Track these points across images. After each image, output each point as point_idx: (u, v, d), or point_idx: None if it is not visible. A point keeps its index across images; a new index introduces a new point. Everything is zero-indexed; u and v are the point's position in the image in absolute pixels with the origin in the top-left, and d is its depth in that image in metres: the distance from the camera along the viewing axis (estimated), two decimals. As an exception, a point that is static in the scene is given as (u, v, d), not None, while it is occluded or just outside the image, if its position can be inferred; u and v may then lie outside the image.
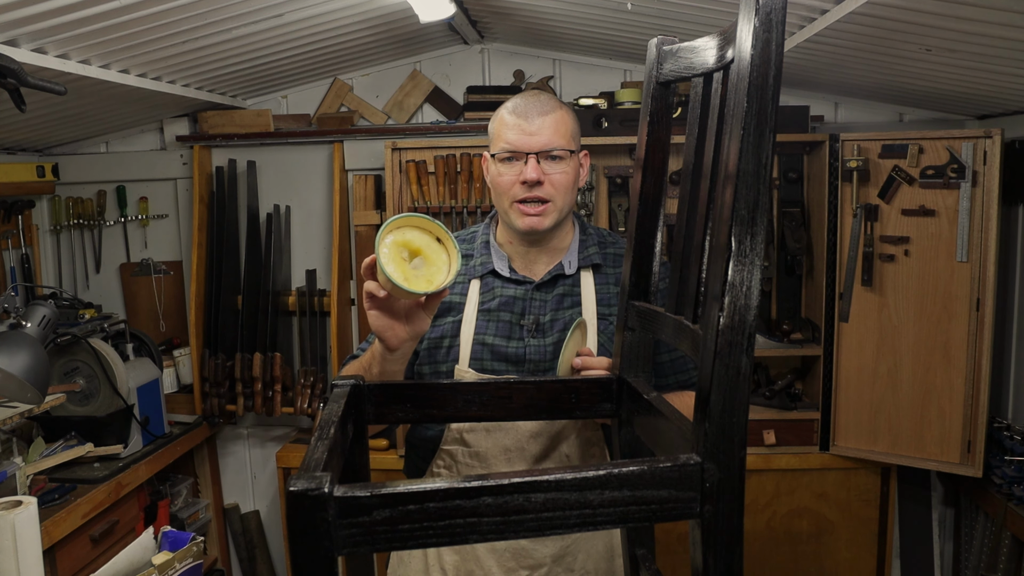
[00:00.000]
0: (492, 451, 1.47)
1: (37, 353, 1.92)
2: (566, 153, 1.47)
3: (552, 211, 1.47)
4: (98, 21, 1.87)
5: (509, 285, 1.53)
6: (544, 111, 1.46)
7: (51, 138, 3.09)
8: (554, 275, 1.53)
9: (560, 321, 1.50)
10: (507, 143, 1.46)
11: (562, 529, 0.80)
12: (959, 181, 2.47)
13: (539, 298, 1.52)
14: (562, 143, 1.46)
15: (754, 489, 2.77)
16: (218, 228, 3.12)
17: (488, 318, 1.51)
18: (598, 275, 1.55)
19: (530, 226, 1.47)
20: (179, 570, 1.36)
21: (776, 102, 0.80)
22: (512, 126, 1.46)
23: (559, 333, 1.50)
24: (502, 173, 1.47)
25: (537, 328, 1.50)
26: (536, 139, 1.44)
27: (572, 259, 1.55)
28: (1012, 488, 2.45)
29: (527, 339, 1.49)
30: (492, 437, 1.47)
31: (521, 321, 1.50)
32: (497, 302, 1.52)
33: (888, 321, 2.61)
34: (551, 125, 1.45)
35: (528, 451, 1.47)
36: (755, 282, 0.81)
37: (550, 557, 1.49)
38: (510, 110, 1.48)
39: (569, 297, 1.53)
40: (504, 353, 1.49)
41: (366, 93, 3.16)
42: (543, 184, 1.45)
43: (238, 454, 3.37)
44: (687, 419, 0.92)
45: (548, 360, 1.49)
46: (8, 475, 2.15)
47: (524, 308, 1.51)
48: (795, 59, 2.29)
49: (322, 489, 0.75)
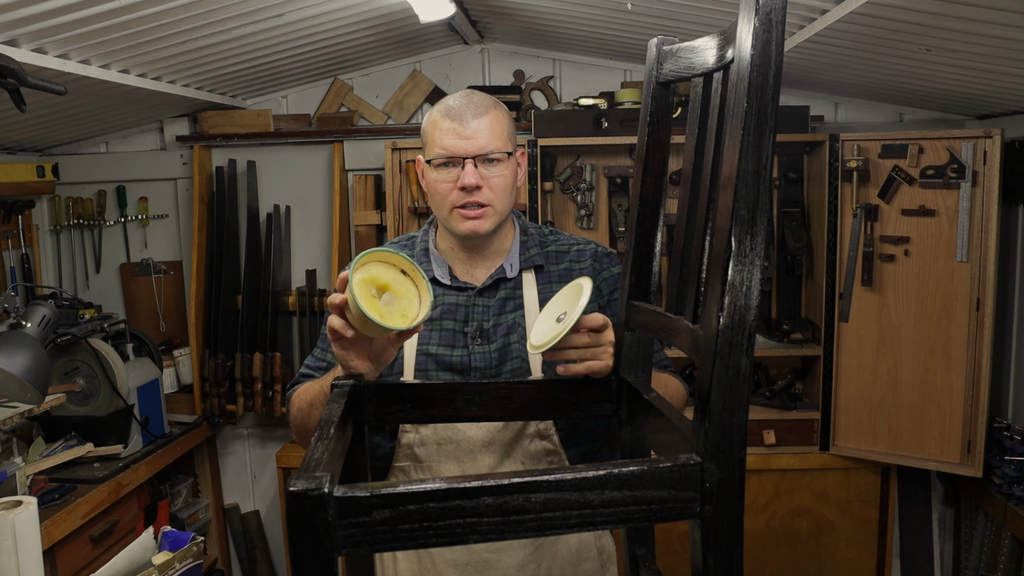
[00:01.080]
0: (445, 464, 1.44)
1: (37, 353, 1.92)
2: (503, 155, 1.42)
3: (492, 215, 1.43)
4: (98, 21, 1.87)
5: (451, 292, 1.49)
6: (478, 112, 1.41)
7: (51, 138, 3.09)
8: (495, 279, 1.50)
9: (503, 326, 1.47)
10: (442, 148, 1.41)
11: (562, 529, 0.80)
12: (959, 181, 2.47)
13: (481, 304, 1.48)
14: (499, 145, 1.41)
15: (754, 489, 2.77)
16: (218, 228, 3.12)
17: (431, 327, 1.47)
18: (540, 275, 1.51)
19: (471, 230, 1.43)
20: (179, 570, 1.36)
21: (776, 102, 0.80)
22: (447, 130, 1.40)
23: (503, 338, 1.46)
24: (439, 180, 1.43)
25: (481, 334, 1.46)
26: (472, 143, 1.39)
27: (513, 261, 1.51)
28: (1012, 488, 2.45)
29: (471, 346, 1.46)
30: (444, 450, 1.44)
31: (465, 328, 1.47)
32: (439, 310, 1.48)
33: (888, 321, 2.61)
34: (487, 127, 1.40)
35: (482, 462, 1.43)
36: (755, 282, 0.81)
37: (514, 567, 1.44)
38: (443, 113, 1.42)
39: (511, 300, 1.49)
40: (449, 362, 1.45)
41: (366, 93, 3.16)
42: (481, 189, 1.41)
43: (238, 454, 3.37)
44: (687, 419, 0.92)
45: (494, 367, 1.45)
46: (8, 475, 2.15)
47: (467, 315, 1.47)
48: (795, 59, 2.29)
49: (322, 489, 0.75)
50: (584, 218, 2.96)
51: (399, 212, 2.90)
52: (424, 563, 1.47)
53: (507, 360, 1.45)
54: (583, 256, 1.55)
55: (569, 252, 1.56)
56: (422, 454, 1.45)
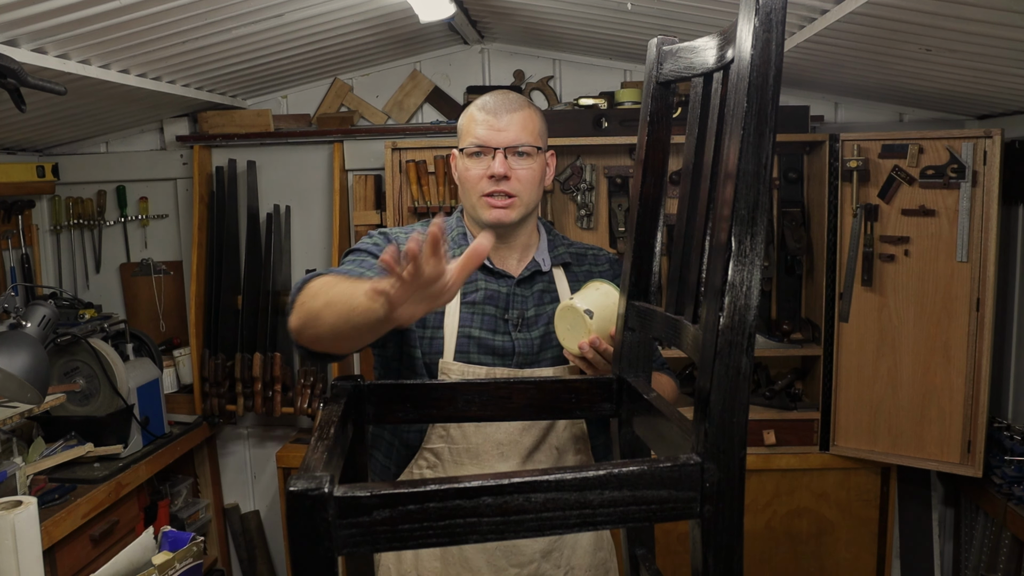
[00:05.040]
0: (484, 446, 1.48)
1: (37, 353, 1.92)
2: (533, 150, 1.49)
3: (518, 205, 1.50)
4: (98, 21, 1.87)
5: (491, 279, 1.54)
6: (512, 108, 1.49)
7: (51, 138, 3.09)
8: (532, 271, 1.56)
9: (544, 316, 1.54)
10: (475, 138, 1.49)
11: (562, 529, 0.80)
12: (959, 181, 2.47)
13: (520, 293, 1.55)
14: (529, 139, 1.49)
15: (754, 489, 2.77)
16: (218, 228, 3.12)
17: (472, 311, 1.52)
18: (569, 272, 1.60)
19: (497, 218, 1.49)
20: (179, 570, 1.36)
21: (776, 102, 0.80)
22: (481, 122, 1.49)
23: (544, 327, 1.53)
24: (469, 168, 1.50)
25: (522, 322, 1.53)
26: (504, 135, 1.47)
27: (544, 257, 1.59)
28: (1012, 488, 2.45)
29: (513, 333, 1.51)
30: (483, 432, 1.48)
31: (505, 315, 1.52)
32: (481, 295, 1.53)
33: (888, 321, 2.61)
34: (519, 122, 1.48)
35: (522, 444, 1.49)
36: (755, 282, 0.81)
37: (539, 553, 1.51)
38: (480, 107, 1.51)
39: (548, 293, 1.56)
40: (491, 346, 1.50)
41: (366, 93, 3.17)
42: (509, 179, 1.48)
43: (238, 454, 3.37)
44: (687, 419, 0.92)
45: (536, 352, 1.52)
46: (8, 475, 2.15)
47: (508, 303, 1.53)
48: (795, 59, 2.29)
49: (322, 489, 0.75)
50: (584, 218, 2.96)
51: (399, 212, 2.90)
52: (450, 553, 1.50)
53: (548, 348, 1.53)
54: (599, 260, 1.65)
55: (586, 256, 1.65)
56: (459, 435, 1.49)
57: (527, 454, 1.49)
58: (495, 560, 1.49)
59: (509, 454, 1.48)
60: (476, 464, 1.48)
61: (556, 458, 1.52)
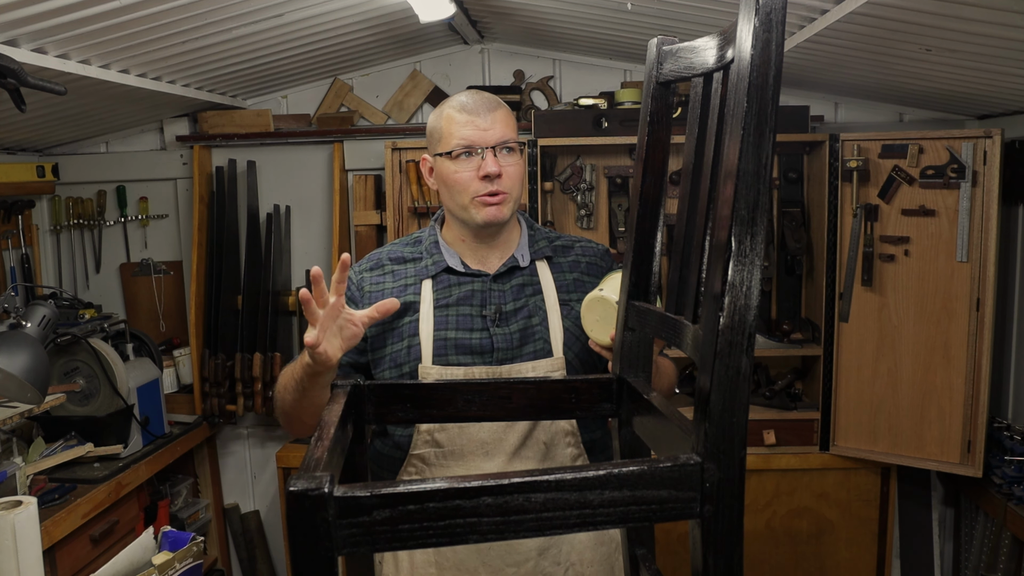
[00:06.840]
0: (468, 447, 1.47)
1: (37, 353, 1.92)
2: (517, 146, 1.51)
3: (510, 201, 1.51)
4: (98, 21, 1.87)
5: (465, 280, 1.54)
6: (492, 107, 1.50)
7: (51, 138, 3.09)
8: (509, 267, 1.55)
9: (524, 309, 1.52)
10: (462, 139, 1.48)
11: (562, 529, 0.80)
12: (959, 181, 2.47)
13: (497, 288, 1.53)
14: (513, 136, 1.50)
15: (754, 489, 2.77)
16: (218, 228, 3.12)
17: (447, 313, 1.51)
18: (552, 265, 1.58)
19: (492, 216, 1.49)
20: (179, 570, 1.36)
21: (776, 102, 0.80)
22: (464, 123, 1.48)
23: (524, 320, 1.51)
24: (458, 170, 1.48)
25: (500, 317, 1.51)
26: (490, 133, 1.47)
27: (524, 253, 1.58)
28: (1012, 488, 2.45)
29: (491, 328, 1.50)
30: (466, 432, 1.47)
31: (483, 312, 1.51)
32: (455, 297, 1.52)
33: (888, 321, 2.61)
34: (502, 119, 1.49)
35: (507, 441, 1.47)
36: (755, 282, 0.81)
37: (535, 551, 1.49)
38: (457, 108, 1.50)
39: (529, 286, 1.55)
40: (468, 345, 1.49)
41: (366, 93, 3.16)
42: (502, 177, 1.48)
43: (238, 454, 3.37)
44: (687, 419, 0.92)
45: (515, 347, 1.50)
46: (8, 475, 2.15)
47: (484, 299, 1.52)
48: (795, 59, 2.29)
49: (322, 489, 0.75)
50: (584, 218, 2.96)
51: (399, 212, 2.90)
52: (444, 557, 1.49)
53: (529, 342, 1.50)
54: (588, 251, 1.63)
55: (574, 247, 1.63)
56: (443, 439, 1.48)
57: (513, 451, 1.48)
58: (490, 560, 1.47)
59: (494, 452, 1.47)
60: (461, 465, 1.47)
61: (544, 453, 1.50)
